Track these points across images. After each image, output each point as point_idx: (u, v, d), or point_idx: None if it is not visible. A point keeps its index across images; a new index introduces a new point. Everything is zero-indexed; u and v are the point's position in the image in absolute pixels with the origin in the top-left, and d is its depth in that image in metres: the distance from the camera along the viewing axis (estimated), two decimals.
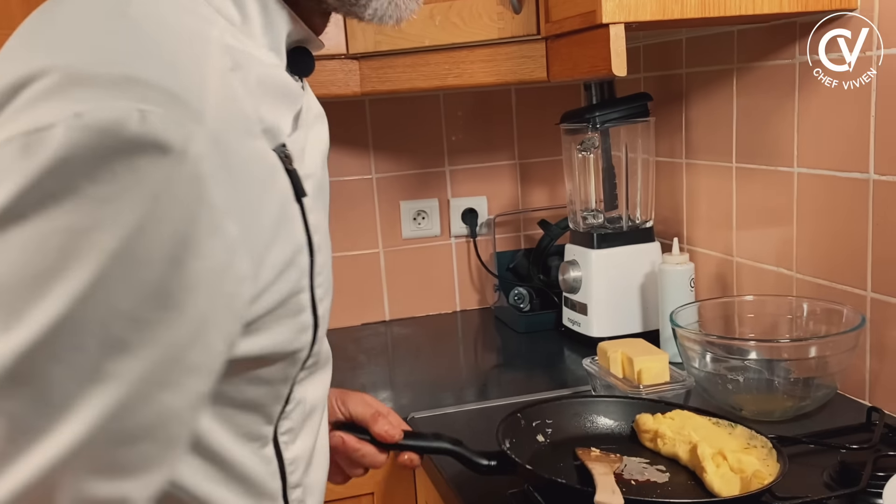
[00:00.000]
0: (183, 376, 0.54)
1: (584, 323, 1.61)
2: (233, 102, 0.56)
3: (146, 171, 0.49)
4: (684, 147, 1.64)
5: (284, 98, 0.65)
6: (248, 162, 0.57)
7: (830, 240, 1.29)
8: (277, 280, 0.62)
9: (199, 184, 0.51)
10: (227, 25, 0.61)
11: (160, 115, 0.50)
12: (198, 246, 0.52)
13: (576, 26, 1.23)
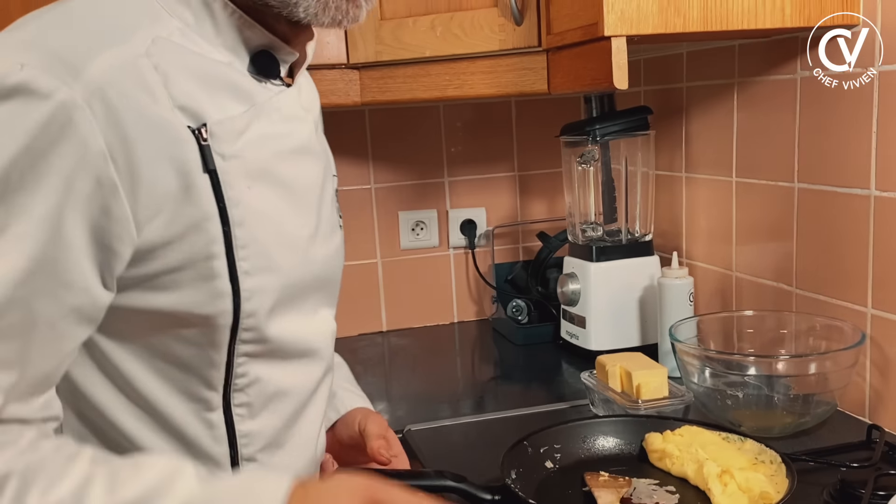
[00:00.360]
0: (52, 285, 0.66)
1: (582, 336, 1.60)
2: (130, 74, 0.69)
3: (19, 110, 0.64)
4: (684, 161, 1.64)
5: (224, 88, 0.76)
6: (139, 122, 0.68)
7: (831, 255, 1.29)
8: (179, 240, 0.72)
9: (73, 125, 0.65)
10: (179, 25, 0.75)
11: (37, 70, 0.65)
12: (57, 174, 0.65)
13: (577, 39, 1.22)
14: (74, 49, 0.68)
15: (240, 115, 0.77)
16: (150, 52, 0.71)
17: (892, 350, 1.19)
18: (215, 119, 0.74)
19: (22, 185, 0.64)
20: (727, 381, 1.21)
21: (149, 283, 0.73)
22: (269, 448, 0.86)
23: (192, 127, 0.72)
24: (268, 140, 0.80)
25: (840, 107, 1.24)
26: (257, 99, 0.79)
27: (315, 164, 0.89)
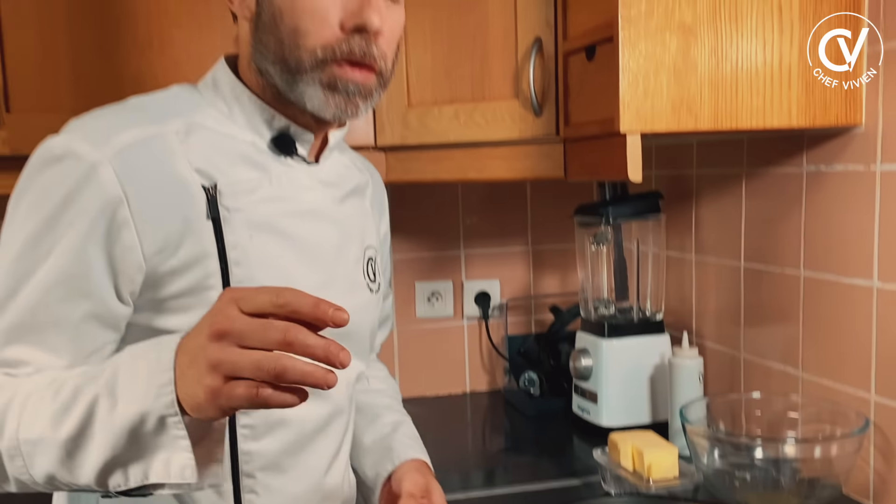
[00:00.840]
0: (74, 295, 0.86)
1: (593, 411, 1.64)
2: (155, 144, 0.89)
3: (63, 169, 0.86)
4: (694, 244, 1.70)
5: (242, 160, 0.96)
6: (159, 178, 0.88)
7: (835, 342, 1.34)
8: (183, 271, 0.90)
9: (96, 177, 0.85)
10: (214, 113, 0.97)
11: (79, 141, 0.86)
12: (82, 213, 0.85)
13: (594, 132, 1.30)
14: (112, 126, 0.89)
15: (249, 180, 0.95)
16: (180, 130, 0.92)
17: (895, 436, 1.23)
18: (226, 181, 0.93)
19: (61, 221, 0.86)
20: (735, 462, 1.25)
21: (160, 306, 0.91)
22: (269, 469, 0.98)
23: (205, 185, 0.91)
24: (276, 201, 0.97)
25: (844, 202, 1.30)
26: (272, 170, 0.98)
27: (329, 228, 1.04)
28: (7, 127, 1.38)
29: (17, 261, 0.86)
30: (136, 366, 0.77)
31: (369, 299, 1.09)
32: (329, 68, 0.93)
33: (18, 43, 1.39)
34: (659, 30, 1.18)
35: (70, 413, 0.78)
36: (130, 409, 0.75)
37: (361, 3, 0.92)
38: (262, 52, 0.95)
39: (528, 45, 1.40)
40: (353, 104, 0.95)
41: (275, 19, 0.93)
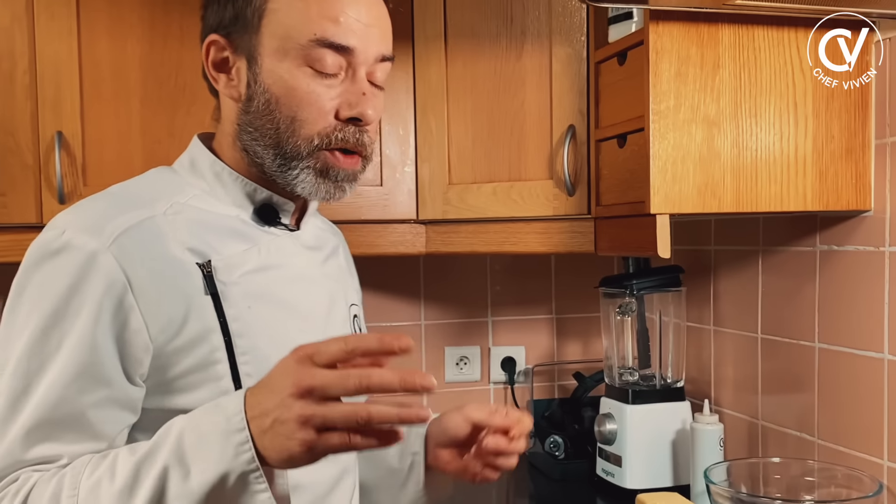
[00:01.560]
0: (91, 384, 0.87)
1: (618, 474, 1.72)
2: (146, 228, 0.92)
3: (63, 262, 0.88)
4: (712, 316, 1.80)
5: (229, 234, 0.98)
6: (155, 260, 0.91)
7: (849, 410, 1.43)
8: (188, 348, 0.91)
9: (96, 266, 0.87)
10: (196, 192, 1.00)
11: (74, 233, 0.89)
12: (88, 303, 0.87)
13: (625, 212, 1.41)
14: (104, 214, 0.92)
15: (240, 253, 0.98)
16: (167, 212, 0.95)
17: None
18: (218, 256, 0.96)
19: (67, 313, 0.88)
20: None
21: (169, 386, 0.92)
22: None
23: (199, 263, 0.94)
24: (267, 270, 1.00)
25: (855, 279, 1.41)
26: (259, 241, 1.01)
27: (318, 290, 1.07)
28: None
29: (27, 358, 0.87)
30: (201, 431, 0.79)
31: None
32: (322, 155, 0.98)
33: (96, 122, 1.51)
34: (686, 122, 1.30)
35: (138, 491, 0.80)
36: (208, 473, 0.78)
37: (358, 96, 0.98)
38: (251, 135, 0.99)
39: (562, 132, 1.53)
40: (341, 189, 1.01)
41: (269, 106, 0.97)
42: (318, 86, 0.96)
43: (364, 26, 0.97)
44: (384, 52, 1.01)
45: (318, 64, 0.96)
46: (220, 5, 1.00)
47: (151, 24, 1.53)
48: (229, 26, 0.99)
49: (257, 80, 0.97)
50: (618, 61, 1.41)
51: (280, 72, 0.96)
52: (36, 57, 1.48)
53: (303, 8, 0.96)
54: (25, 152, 1.48)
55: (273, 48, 0.96)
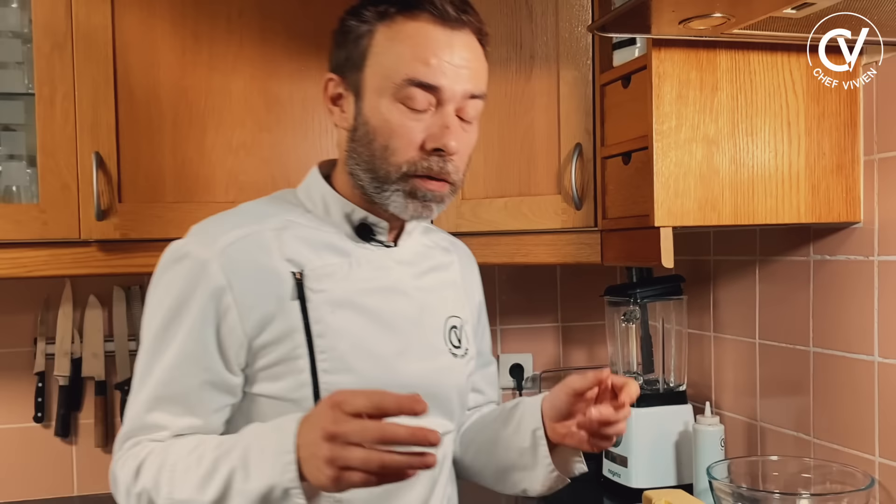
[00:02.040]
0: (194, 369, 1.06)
1: (624, 474, 1.81)
2: (253, 241, 1.09)
3: (182, 267, 1.07)
4: (712, 322, 1.89)
5: (326, 248, 1.13)
6: (255, 269, 1.08)
7: (842, 410, 1.52)
8: (276, 344, 1.07)
9: (206, 272, 1.06)
10: (303, 211, 1.16)
11: (194, 244, 1.09)
12: (196, 302, 1.05)
13: (630, 225, 1.51)
14: (220, 229, 1.11)
15: (332, 264, 1.12)
16: (276, 227, 1.12)
17: None
18: (311, 267, 1.10)
19: (181, 310, 1.06)
20: None
21: (256, 376, 1.09)
22: None
23: (294, 272, 1.09)
24: (355, 281, 1.13)
25: (847, 286, 1.50)
26: (353, 254, 1.15)
27: (407, 301, 1.18)
28: (119, 215, 1.59)
29: (152, 344, 1.08)
30: (263, 445, 0.95)
31: (452, 363, 1.21)
32: (411, 181, 1.09)
33: (131, 144, 1.61)
34: (687, 141, 1.40)
35: (212, 481, 0.97)
36: (261, 481, 0.93)
37: (442, 129, 1.08)
38: (355, 160, 1.12)
39: (569, 150, 1.62)
40: (428, 209, 1.12)
41: (369, 135, 1.10)
42: (408, 120, 1.08)
43: (454, 68, 1.07)
44: (473, 90, 1.10)
45: (410, 101, 1.07)
46: (338, 48, 1.14)
47: (182, 51, 1.63)
48: (343, 66, 1.13)
49: (361, 113, 1.11)
50: (622, 84, 1.50)
51: (378, 106, 1.09)
52: (75, 82, 1.57)
53: (399, 51, 1.07)
54: (65, 172, 1.57)
55: (374, 86, 1.09)
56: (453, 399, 1.23)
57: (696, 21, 1.18)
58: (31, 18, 1.60)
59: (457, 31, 1.08)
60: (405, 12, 1.08)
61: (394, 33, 1.08)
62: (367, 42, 1.10)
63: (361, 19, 1.10)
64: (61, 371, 1.91)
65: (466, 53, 1.09)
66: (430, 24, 1.07)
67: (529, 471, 1.23)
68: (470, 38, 1.10)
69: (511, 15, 1.67)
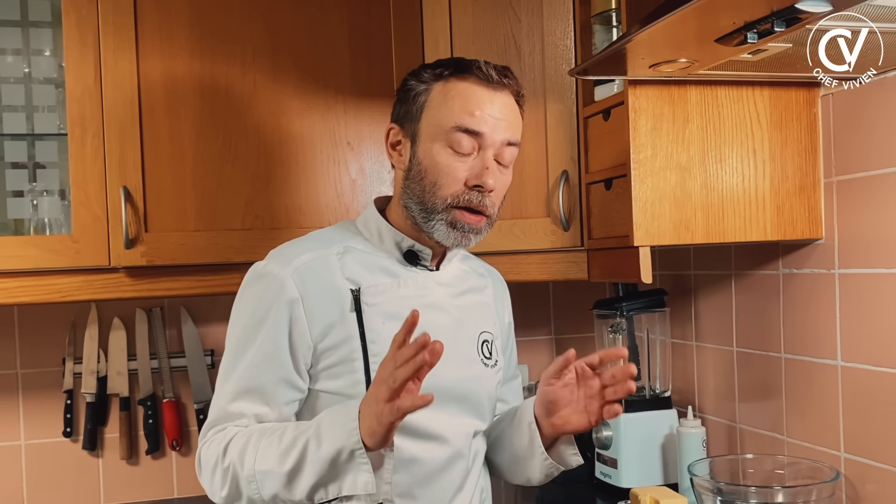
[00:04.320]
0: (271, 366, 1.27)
1: (614, 475, 1.95)
2: (321, 263, 1.31)
3: (263, 283, 1.30)
4: (694, 332, 2.04)
5: (379, 270, 1.34)
6: (322, 285, 1.29)
7: (811, 412, 1.66)
8: (336, 347, 1.28)
9: (282, 287, 1.28)
10: (361, 239, 1.38)
11: (273, 265, 1.31)
12: (274, 311, 1.27)
13: (612, 245, 1.65)
14: (294, 252, 1.33)
15: (384, 284, 1.33)
16: (339, 252, 1.34)
17: (862, 485, 1.54)
18: (367, 285, 1.32)
19: (262, 317, 1.28)
20: None
21: (319, 375, 1.30)
22: (404, 496, 1.31)
23: (352, 289, 1.31)
24: (403, 298, 1.33)
25: (812, 297, 1.65)
26: (402, 275, 1.36)
27: (445, 316, 1.37)
28: (146, 243, 1.73)
29: (235, 347, 1.30)
30: (333, 420, 1.18)
31: (483, 371, 1.41)
32: (453, 211, 1.30)
33: (156, 178, 1.75)
34: (661, 168, 1.54)
35: (291, 453, 1.19)
36: (332, 446, 1.15)
37: (482, 169, 1.29)
38: (407, 194, 1.33)
39: (557, 176, 1.77)
40: (467, 238, 1.33)
41: (421, 174, 1.31)
42: (455, 161, 1.29)
43: (494, 119, 1.30)
44: (510, 138, 1.32)
45: (457, 145, 1.29)
46: (399, 103, 1.37)
47: (201, 91, 1.77)
48: (403, 118, 1.35)
49: (416, 156, 1.32)
50: (603, 117, 1.65)
51: (430, 150, 1.30)
52: (104, 123, 1.72)
53: (451, 105, 1.30)
54: (95, 205, 1.72)
55: (428, 133, 1.31)
56: (484, 402, 1.41)
57: (664, 65, 1.33)
58: (61, 64, 1.75)
59: (498, 92, 1.30)
60: (458, 75, 1.30)
61: (447, 90, 1.30)
62: (424, 98, 1.32)
63: (420, 80, 1.33)
64: (88, 389, 2.05)
65: (505, 109, 1.31)
66: (477, 85, 1.30)
67: (529, 461, 1.40)
68: (509, 98, 1.33)
69: (502, 54, 1.82)
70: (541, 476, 1.41)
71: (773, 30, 1.08)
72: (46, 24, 1.81)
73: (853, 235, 1.55)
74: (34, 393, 2.05)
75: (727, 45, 1.18)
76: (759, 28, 1.11)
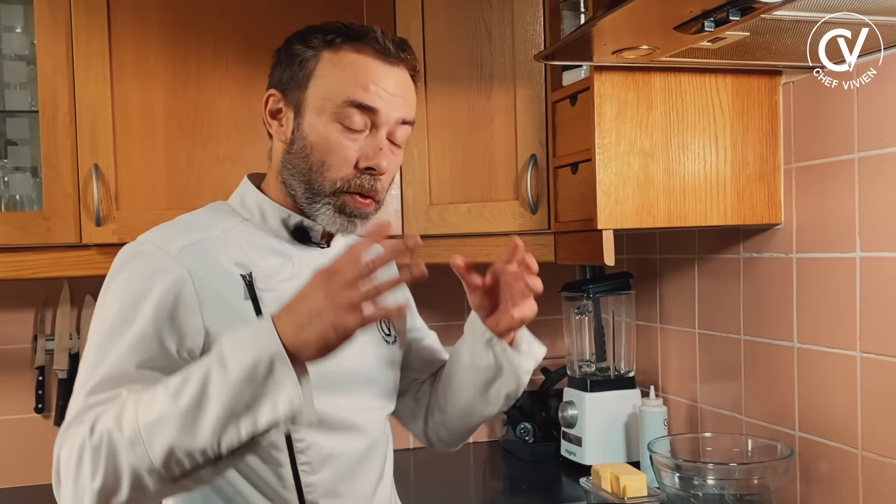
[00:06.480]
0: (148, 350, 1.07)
1: (578, 453, 1.99)
2: (204, 245, 1.14)
3: (139, 263, 1.12)
4: (658, 315, 2.08)
5: (267, 251, 1.19)
6: (212, 266, 1.13)
7: (769, 392, 1.71)
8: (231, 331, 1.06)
9: (165, 264, 1.10)
10: (240, 219, 1.23)
11: (149, 245, 1.13)
12: (157, 289, 1.09)
13: (578, 228, 1.69)
14: (173, 235, 1.16)
15: (276, 266, 1.19)
16: (220, 234, 1.18)
17: (815, 463, 1.59)
18: (258, 269, 1.17)
19: (140, 300, 1.09)
20: (691, 484, 1.60)
21: None
22: (329, 496, 1.20)
23: (243, 274, 1.15)
24: (297, 279, 1.18)
25: (771, 280, 1.69)
26: (293, 255, 1.22)
27: None
28: (117, 221, 1.75)
29: (109, 331, 1.09)
30: (237, 337, 0.98)
31: (386, 350, 1.32)
32: (342, 196, 1.18)
33: (127, 156, 1.76)
34: (625, 154, 1.58)
35: (185, 388, 0.96)
36: (242, 361, 0.94)
37: (375, 150, 1.17)
38: (290, 171, 1.20)
39: (525, 160, 1.80)
40: (353, 224, 1.21)
41: (306, 150, 1.18)
42: (345, 139, 1.17)
43: (389, 95, 1.18)
44: (405, 116, 1.21)
45: (347, 121, 1.17)
46: (282, 67, 1.23)
47: (173, 71, 1.79)
48: (286, 84, 1.21)
49: (300, 129, 1.19)
50: (570, 102, 1.68)
51: (317, 125, 1.18)
52: (75, 101, 1.72)
53: (342, 76, 1.17)
54: (66, 182, 1.73)
55: (315, 106, 1.18)
56: (391, 382, 1.34)
57: (627, 52, 1.36)
58: (33, 41, 1.76)
59: (394, 66, 1.20)
60: (351, 43, 1.18)
61: (338, 59, 1.18)
62: (312, 65, 1.19)
63: (308, 44, 1.20)
64: (60, 365, 2.06)
65: (402, 85, 1.21)
66: (372, 57, 1.18)
67: (500, 374, 1.33)
68: (405, 74, 1.22)
69: (472, 38, 1.85)
70: (518, 382, 1.34)
71: (729, 18, 1.11)
72: (18, 1, 1.81)
73: (811, 221, 1.60)
74: (5, 369, 2.06)
75: (686, 32, 1.21)
76: (715, 17, 1.14)
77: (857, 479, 1.49)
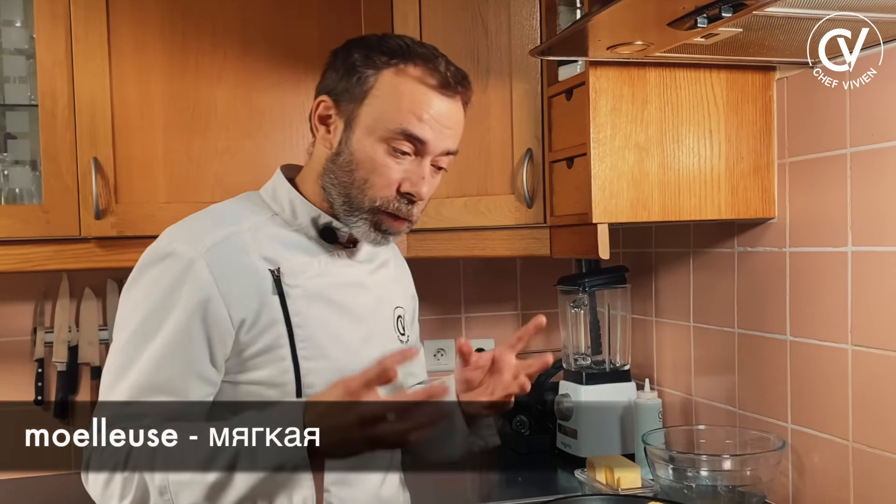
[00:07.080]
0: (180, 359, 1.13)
1: (574, 445, 2.01)
2: (234, 241, 1.18)
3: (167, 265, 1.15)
4: (654, 308, 2.09)
5: (297, 248, 1.23)
6: (239, 266, 1.17)
7: (762, 385, 1.73)
8: (261, 335, 1.17)
9: (193, 269, 1.14)
10: (271, 214, 1.26)
11: (178, 243, 1.16)
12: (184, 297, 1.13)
13: (573, 221, 1.70)
14: (201, 229, 1.20)
15: (303, 263, 1.23)
16: (250, 228, 1.22)
17: (807, 454, 1.61)
18: (287, 265, 1.21)
19: (167, 304, 1.13)
20: (685, 475, 1.62)
21: (243, 365, 1.18)
22: (339, 483, 1.25)
23: (271, 269, 1.19)
24: (325, 277, 1.25)
25: (764, 274, 1.71)
26: (319, 255, 1.26)
27: (366, 294, 1.32)
28: (116, 214, 1.76)
29: (136, 336, 1.13)
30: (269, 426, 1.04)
31: (401, 349, 1.32)
32: (379, 215, 1.22)
33: (126, 149, 1.77)
34: (620, 148, 1.59)
35: (215, 462, 1.04)
36: (270, 461, 1.03)
37: (419, 178, 1.21)
38: (331, 179, 1.23)
39: (521, 154, 1.81)
40: (386, 240, 1.26)
41: (351, 165, 1.21)
42: (391, 161, 1.20)
43: (441, 127, 1.20)
44: (451, 148, 1.24)
45: (396, 144, 1.19)
46: (338, 75, 1.23)
47: (171, 63, 1.80)
48: (340, 94, 1.23)
49: (348, 143, 1.21)
50: (566, 97, 1.69)
51: (366, 143, 1.20)
52: (74, 94, 1.73)
53: (398, 102, 1.19)
54: (66, 175, 1.74)
55: (367, 124, 1.20)
56: (405, 381, 1.37)
57: (621, 47, 1.38)
58: (32, 35, 1.77)
59: (450, 98, 1.21)
60: (413, 67, 1.20)
61: (398, 83, 1.19)
62: (371, 83, 1.20)
63: (370, 62, 1.21)
64: (59, 358, 2.07)
65: (454, 117, 1.23)
66: (431, 87, 1.20)
67: (449, 438, 1.34)
68: (459, 106, 1.24)
69: (469, 32, 1.86)
70: (461, 451, 1.37)
71: (721, 15, 1.12)
72: None
73: (804, 215, 1.61)
74: (5, 361, 2.08)
75: (679, 28, 1.22)
76: (708, 13, 1.15)
77: (847, 470, 1.51)
